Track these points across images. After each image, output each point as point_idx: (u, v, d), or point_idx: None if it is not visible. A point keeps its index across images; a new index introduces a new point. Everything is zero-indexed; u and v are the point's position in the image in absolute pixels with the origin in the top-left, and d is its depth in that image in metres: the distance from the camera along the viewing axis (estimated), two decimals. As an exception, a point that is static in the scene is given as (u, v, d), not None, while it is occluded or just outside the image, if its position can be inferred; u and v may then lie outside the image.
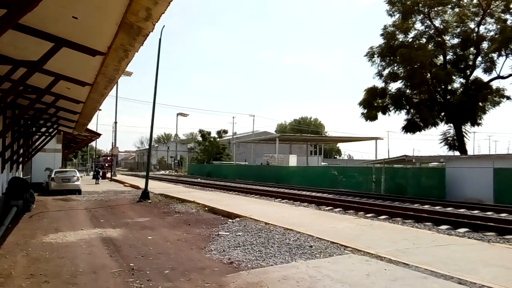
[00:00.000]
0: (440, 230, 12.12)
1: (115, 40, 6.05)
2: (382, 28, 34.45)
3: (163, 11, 4.97)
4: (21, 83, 8.18)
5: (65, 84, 9.58)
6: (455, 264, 7.20)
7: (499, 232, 11.60)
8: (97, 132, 37.65)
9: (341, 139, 70.10)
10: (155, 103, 21.31)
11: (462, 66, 33.62)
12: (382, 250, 8.25)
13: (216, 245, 9.21)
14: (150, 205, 18.26)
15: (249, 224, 11.82)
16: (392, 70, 34.77)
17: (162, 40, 20.71)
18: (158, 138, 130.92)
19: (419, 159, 33.95)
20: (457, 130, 33.90)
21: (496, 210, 17.00)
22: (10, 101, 12.66)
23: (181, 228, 11.91)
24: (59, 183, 22.96)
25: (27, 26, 6.08)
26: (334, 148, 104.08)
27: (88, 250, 8.84)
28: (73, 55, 7.03)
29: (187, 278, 6.62)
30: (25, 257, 8.11)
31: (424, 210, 16.82)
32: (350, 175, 31.48)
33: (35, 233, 10.72)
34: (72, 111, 14.29)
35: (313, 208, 17.58)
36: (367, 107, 35.72)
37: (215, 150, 70.88)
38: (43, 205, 17.41)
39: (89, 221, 13.30)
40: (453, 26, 33.37)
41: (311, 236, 9.83)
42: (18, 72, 7.80)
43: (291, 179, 37.30)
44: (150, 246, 9.32)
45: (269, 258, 7.88)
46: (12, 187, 14.74)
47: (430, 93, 34.30)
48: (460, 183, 22.96)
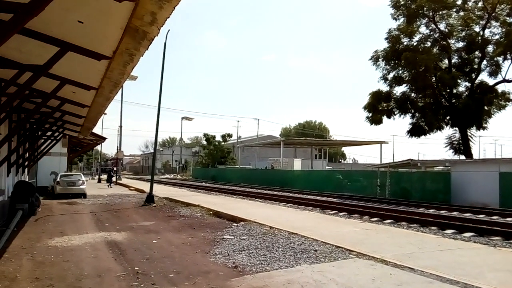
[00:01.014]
0: (445, 234, 12.03)
1: (120, 44, 6.08)
2: (387, 31, 34.44)
3: (168, 16, 4.99)
4: (27, 87, 8.23)
5: (71, 88, 9.63)
6: (461, 269, 7.15)
7: (505, 237, 11.49)
8: (102, 136, 37.79)
9: (345, 143, 69.95)
10: (160, 107, 21.40)
11: (467, 69, 33.50)
12: (388, 255, 8.20)
13: (220, 249, 9.20)
14: (155, 209, 18.28)
15: (254, 228, 11.80)
16: (397, 73, 34.68)
17: (166, 44, 20.81)
18: (163, 142, 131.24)
19: (424, 163, 33.78)
20: (463, 134, 33.73)
21: (502, 215, 16.87)
22: (16, 105, 12.73)
23: (186, 232, 11.91)
24: (64, 186, 23.04)
25: (33, 30, 6.13)
26: (339, 152, 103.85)
27: (93, 253, 8.85)
28: (78, 59, 7.07)
29: (191, 282, 6.61)
30: (30, 260, 8.13)
31: (429, 214, 16.72)
32: (355, 179, 31.41)
33: (41, 237, 10.75)
34: (77, 115, 14.36)
35: (317, 212, 17.52)
36: (372, 111, 35.64)
37: (219, 154, 71.00)
38: (49, 209, 17.47)
39: (94, 224, 13.32)
40: (458, 30, 33.28)
41: (316, 240, 9.79)
42: (24, 76, 7.85)
43: (296, 183, 37.22)
44: (154, 249, 9.32)
45: (273, 262, 7.86)
46: (18, 191, 14.82)
47: (435, 96, 34.20)
48: (466, 187, 22.84)
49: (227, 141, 75.24)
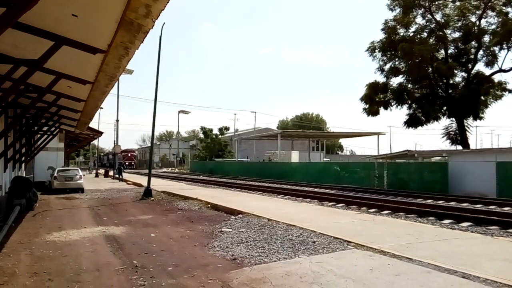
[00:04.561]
0: (443, 224, 12.11)
1: (115, 38, 6.04)
2: (383, 22, 34.27)
3: (163, 8, 4.95)
4: (22, 82, 8.19)
5: (66, 82, 9.58)
6: (459, 258, 7.19)
7: (503, 226, 11.57)
8: (99, 131, 37.69)
9: (343, 134, 70.05)
10: (156, 100, 21.34)
11: (463, 60, 33.46)
12: (385, 245, 8.24)
13: (219, 242, 9.22)
14: (153, 203, 18.29)
15: (252, 221, 11.83)
16: (394, 64, 34.62)
17: (162, 37, 20.70)
18: (160, 136, 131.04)
19: (421, 153, 33.85)
20: (459, 124, 33.77)
21: (499, 204, 16.98)
22: (11, 100, 12.68)
23: (184, 225, 11.92)
24: (61, 181, 23.01)
25: (26, 24, 6.07)
26: (336, 144, 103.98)
27: (92, 248, 8.86)
28: (73, 53, 7.02)
29: (190, 275, 6.62)
30: (28, 255, 8.12)
31: (426, 204, 16.78)
32: (352, 171, 31.48)
33: (39, 232, 10.74)
34: (73, 109, 14.31)
35: (315, 204, 17.57)
36: (368, 102, 35.60)
37: (217, 147, 70.95)
38: (46, 204, 17.45)
39: (92, 219, 13.32)
40: (454, 20, 33.17)
41: (314, 231, 9.83)
42: (19, 71, 7.80)
43: (293, 175, 37.30)
44: (153, 243, 9.33)
45: (272, 254, 7.89)
46: (15, 186, 14.77)
47: (431, 87, 34.18)
48: (463, 178, 22.93)
49: (224, 134, 75.08)
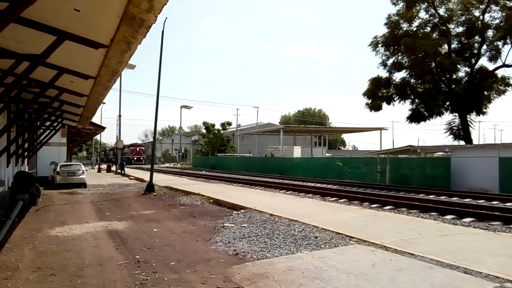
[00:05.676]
0: (445, 220, 12.08)
1: (117, 33, 6.03)
2: (386, 17, 34.20)
3: (165, 2, 4.94)
4: (25, 77, 8.17)
5: (69, 77, 9.58)
6: (461, 254, 7.18)
7: (505, 222, 11.54)
8: (101, 126, 37.82)
9: (345, 130, 69.84)
10: (158, 95, 21.27)
11: (467, 54, 33.33)
12: (388, 241, 8.24)
13: (221, 237, 9.24)
14: (155, 198, 18.33)
15: (254, 216, 11.83)
16: (397, 59, 34.54)
17: (164, 32, 20.64)
18: (163, 131, 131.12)
19: (424, 149, 33.81)
20: (462, 119, 33.69)
21: (501, 200, 16.93)
22: (14, 96, 12.67)
23: (187, 220, 11.95)
24: (64, 176, 23.09)
25: (29, 19, 6.06)
26: (339, 139, 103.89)
27: (94, 243, 8.89)
28: (75, 48, 7.01)
29: (192, 270, 6.64)
30: (31, 250, 8.16)
31: (429, 200, 16.76)
32: (354, 166, 31.44)
33: (41, 227, 10.79)
34: (76, 104, 14.31)
35: (318, 199, 17.56)
36: (371, 97, 35.56)
37: (219, 142, 70.96)
38: (49, 199, 17.51)
39: (94, 214, 13.36)
40: (458, 15, 33.03)
41: (316, 227, 9.82)
42: (22, 66, 7.79)
43: (296, 171, 37.26)
44: (155, 238, 9.35)
45: (274, 249, 7.89)
46: (18, 181, 14.81)
47: (434, 82, 34.08)
48: (466, 173, 22.87)
49: (227, 130, 75.01)
